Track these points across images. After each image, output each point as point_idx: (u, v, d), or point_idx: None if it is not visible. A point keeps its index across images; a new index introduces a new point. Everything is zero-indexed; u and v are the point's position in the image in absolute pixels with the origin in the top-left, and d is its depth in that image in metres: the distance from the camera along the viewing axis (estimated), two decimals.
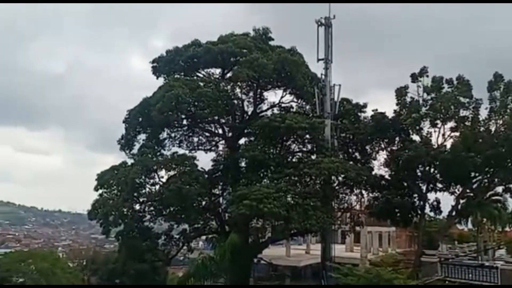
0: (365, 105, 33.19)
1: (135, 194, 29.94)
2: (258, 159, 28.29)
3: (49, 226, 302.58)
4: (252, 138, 31.52)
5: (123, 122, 33.03)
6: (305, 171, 27.78)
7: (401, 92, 30.17)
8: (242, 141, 32.90)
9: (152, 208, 31.06)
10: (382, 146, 31.50)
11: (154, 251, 31.21)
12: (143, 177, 29.53)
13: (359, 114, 33.10)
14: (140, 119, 32.18)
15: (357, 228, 35.76)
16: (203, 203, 30.87)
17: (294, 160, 31.36)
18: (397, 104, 30.20)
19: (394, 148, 30.91)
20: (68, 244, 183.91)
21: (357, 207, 34.59)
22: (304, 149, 32.29)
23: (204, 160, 33.33)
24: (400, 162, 29.24)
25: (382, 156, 31.82)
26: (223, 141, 34.48)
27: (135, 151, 32.49)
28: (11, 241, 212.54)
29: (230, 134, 33.56)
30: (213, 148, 34.72)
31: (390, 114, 30.32)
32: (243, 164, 31.32)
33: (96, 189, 30.43)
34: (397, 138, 30.57)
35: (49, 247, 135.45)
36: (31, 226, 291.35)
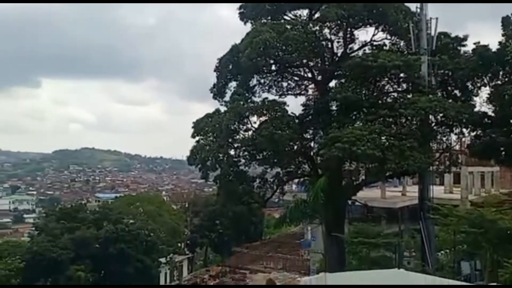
0: (465, 38, 30.69)
1: (229, 140, 30.84)
2: (350, 101, 27.67)
3: (153, 172, 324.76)
4: (343, 80, 30.73)
5: (214, 70, 33.66)
6: (401, 112, 26.77)
7: (508, 21, 27.46)
8: (332, 83, 32.23)
9: (246, 153, 31.90)
10: (485, 81, 29.20)
11: (250, 194, 32.32)
12: (236, 123, 30.22)
13: (458, 48, 30.73)
14: (230, 66, 32.60)
15: (457, 169, 34.26)
16: (295, 147, 31.13)
17: (388, 100, 30.24)
18: (503, 35, 27.60)
19: (498, 83, 28.56)
20: (171, 189, 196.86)
21: (457, 147, 32.97)
22: (399, 88, 30.94)
23: (294, 105, 33.30)
24: (505, 98, 27.05)
25: (484, 92, 29.57)
26: (312, 85, 34.01)
27: (227, 98, 33.18)
28: (120, 186, 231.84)
29: (319, 77, 32.97)
30: (302, 92, 34.44)
31: (493, 47, 27.83)
32: (334, 108, 30.85)
33: (193, 136, 31.77)
34: (501, 72, 28.16)
35: (153, 191, 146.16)
36: (136, 173, 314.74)
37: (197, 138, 31.95)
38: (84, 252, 44.08)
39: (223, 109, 32.41)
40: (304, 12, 32.49)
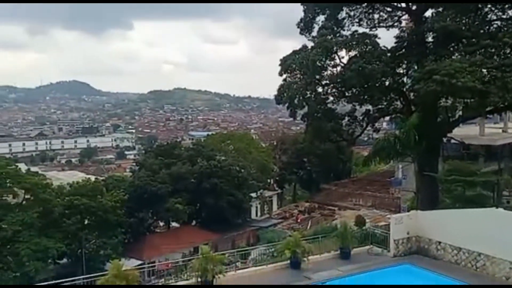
0: None
1: (317, 76, 30.19)
2: (449, 31, 25.62)
3: (241, 111, 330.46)
4: (440, 9, 28.40)
5: (301, 4, 32.55)
6: (505, 41, 24.39)
7: None
8: (428, 13, 29.91)
9: (334, 90, 31.18)
10: None
11: (338, 132, 31.90)
12: (323, 59, 29.39)
13: None
14: None
15: None
16: (387, 82, 29.80)
17: (491, 29, 27.60)
18: None
19: None
20: (259, 127, 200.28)
21: None
22: (504, 16, 28.05)
23: (386, 38, 31.54)
24: None
25: None
26: (406, 16, 31.81)
27: (314, 33, 32.15)
28: (211, 124, 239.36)
29: (414, 6, 30.72)
30: (395, 24, 32.32)
31: None
32: (430, 39, 28.84)
33: (280, 74, 31.49)
34: None
35: (243, 129, 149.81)
36: (226, 111, 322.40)
37: (284, 76, 31.64)
38: (180, 186, 46.78)
39: (310, 44, 31.57)
40: None
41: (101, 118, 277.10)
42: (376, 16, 32.24)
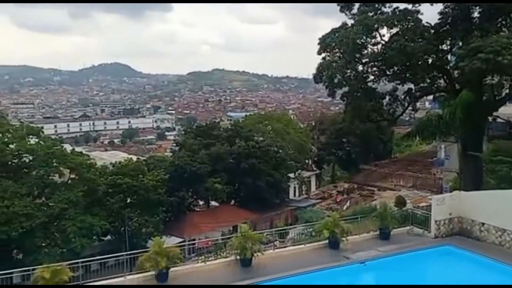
0: None
1: (357, 55, 29.69)
2: (497, 5, 24.57)
3: (279, 91, 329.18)
4: None
5: None
6: None
7: None
8: None
9: (375, 68, 30.59)
10: None
11: (379, 111, 31.35)
12: (364, 37, 28.84)
13: None
14: None
15: None
16: (429, 60, 29.00)
17: None
18: None
19: None
20: (297, 107, 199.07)
21: None
22: None
23: (429, 14, 30.49)
24: None
25: None
26: None
27: (354, 11, 31.46)
28: (249, 105, 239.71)
29: None
30: None
31: None
32: (475, 14, 27.73)
33: (319, 53, 31.10)
34: None
35: (280, 110, 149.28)
36: (264, 92, 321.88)
37: (323, 54, 31.24)
38: (219, 166, 47.30)
39: (350, 22, 30.95)
40: None
41: (142, 99, 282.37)
42: None
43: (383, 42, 29.00)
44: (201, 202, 51.24)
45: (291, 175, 55.14)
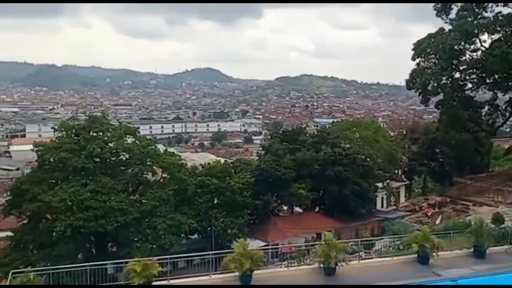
0: None
1: (454, 61, 28.33)
2: None
3: (369, 98, 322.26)
4: None
5: None
6: None
7: None
8: None
9: (473, 76, 29.02)
10: None
11: (477, 121, 29.67)
12: (462, 43, 27.47)
13: None
14: None
15: None
16: None
17: None
18: None
19: None
20: (387, 115, 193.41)
21: None
22: None
23: None
24: None
25: None
26: None
27: (452, 15, 30.04)
28: (336, 112, 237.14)
29: None
30: None
31: None
32: None
33: (413, 58, 30.09)
34: None
35: (369, 117, 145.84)
36: (352, 98, 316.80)
37: (417, 60, 30.18)
38: (304, 172, 47.10)
39: (447, 27, 29.55)
40: None
41: (231, 103, 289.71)
42: None
43: (483, 49, 27.48)
44: (285, 207, 51.33)
45: (379, 184, 53.51)
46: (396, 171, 63.60)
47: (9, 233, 35.85)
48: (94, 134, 37.40)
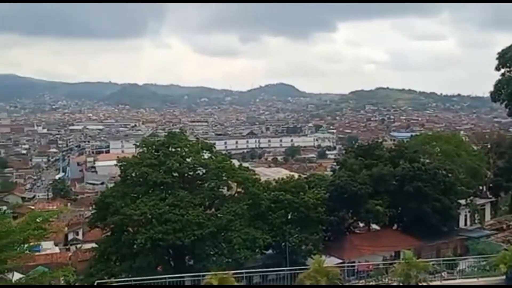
0: None
1: None
2: None
3: (449, 110, 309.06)
4: None
5: None
6: None
7: None
8: None
9: None
10: None
11: None
12: None
13: None
14: None
15: None
16: None
17: None
18: None
19: None
20: (470, 128, 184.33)
21: None
22: None
23: None
24: None
25: None
26: None
27: None
28: (414, 125, 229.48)
29: None
30: None
31: None
32: None
33: (497, 68, 28.52)
34: None
35: (450, 130, 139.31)
36: (431, 111, 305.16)
37: (502, 70, 28.51)
38: (381, 188, 45.69)
39: None
40: None
41: (304, 118, 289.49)
42: None
43: None
44: (361, 224, 50.05)
45: (462, 201, 50.72)
46: (480, 187, 60.07)
47: (94, 245, 37.92)
48: (173, 149, 38.75)
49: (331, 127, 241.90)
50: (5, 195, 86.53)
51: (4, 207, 51.96)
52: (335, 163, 62.87)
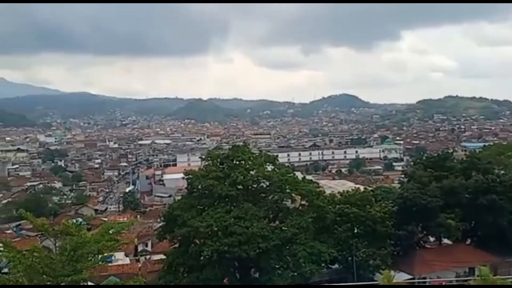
0: None
1: None
2: None
3: None
4: None
5: None
6: None
7: None
8: None
9: None
10: None
11: None
12: None
13: None
14: None
15: None
16: None
17: None
18: None
19: None
20: None
21: None
22: None
23: None
24: None
25: None
26: None
27: None
28: (487, 135, 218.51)
29: None
30: None
31: None
32: None
33: None
34: None
35: None
36: (505, 120, 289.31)
37: None
38: (452, 201, 43.67)
39: None
40: None
41: (369, 129, 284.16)
42: None
43: None
44: (431, 239, 48.01)
45: None
46: None
47: (163, 256, 38.93)
48: (237, 162, 39.17)
49: (398, 137, 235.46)
50: (80, 208, 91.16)
51: (80, 219, 54.82)
52: (402, 175, 60.98)
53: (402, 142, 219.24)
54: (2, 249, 18.07)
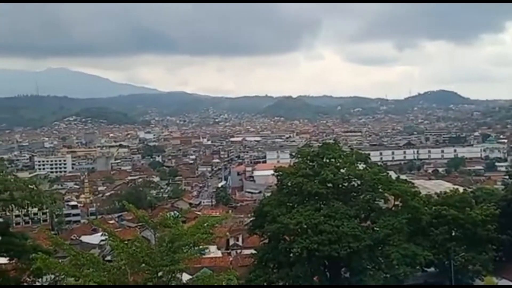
0: None
1: None
2: None
3: None
4: None
5: None
6: None
7: None
8: None
9: None
10: None
11: None
12: None
13: None
14: None
15: None
16: None
17: None
18: None
19: None
20: None
21: None
22: None
23: None
24: None
25: None
26: None
27: None
28: None
29: None
30: None
31: None
32: None
33: None
34: None
35: None
36: None
37: None
38: None
39: None
40: None
41: (469, 127, 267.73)
42: None
43: None
44: None
45: None
46: None
47: (253, 251, 39.59)
48: (327, 160, 38.67)
49: (501, 136, 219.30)
50: (176, 201, 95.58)
51: (176, 212, 57.38)
52: (506, 176, 56.77)
53: (506, 140, 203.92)
54: (107, 237, 19.40)
